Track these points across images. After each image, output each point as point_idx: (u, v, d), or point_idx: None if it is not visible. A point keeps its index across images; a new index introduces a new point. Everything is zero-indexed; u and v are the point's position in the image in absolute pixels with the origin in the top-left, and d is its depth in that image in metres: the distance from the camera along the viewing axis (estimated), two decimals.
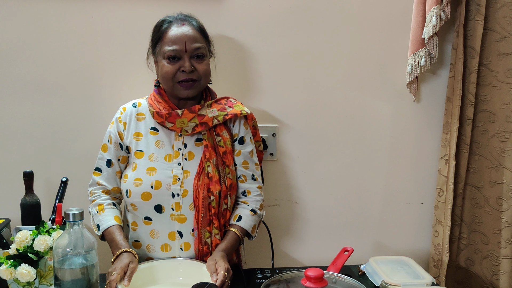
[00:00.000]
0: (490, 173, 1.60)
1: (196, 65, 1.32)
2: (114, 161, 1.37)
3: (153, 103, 1.37)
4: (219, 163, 1.34)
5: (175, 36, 1.30)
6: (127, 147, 1.38)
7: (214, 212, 1.31)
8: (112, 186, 1.38)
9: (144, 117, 1.38)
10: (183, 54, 1.30)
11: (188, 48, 1.30)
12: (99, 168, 1.38)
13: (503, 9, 1.53)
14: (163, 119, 1.33)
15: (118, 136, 1.38)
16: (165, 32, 1.32)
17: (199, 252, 1.32)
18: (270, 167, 1.69)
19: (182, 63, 1.30)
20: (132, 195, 1.32)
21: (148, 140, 1.36)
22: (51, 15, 1.53)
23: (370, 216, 1.76)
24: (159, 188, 1.31)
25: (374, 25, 1.64)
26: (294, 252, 1.76)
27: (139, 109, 1.39)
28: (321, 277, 1.07)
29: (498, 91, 1.56)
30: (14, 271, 1.12)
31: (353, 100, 1.68)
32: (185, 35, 1.31)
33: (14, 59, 1.55)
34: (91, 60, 1.57)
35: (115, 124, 1.39)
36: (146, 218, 1.34)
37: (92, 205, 1.37)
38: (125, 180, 1.35)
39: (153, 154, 1.34)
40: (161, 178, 1.31)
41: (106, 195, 1.38)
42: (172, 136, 1.36)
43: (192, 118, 1.33)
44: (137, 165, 1.34)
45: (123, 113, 1.39)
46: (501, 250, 1.57)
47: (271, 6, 1.59)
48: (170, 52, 1.30)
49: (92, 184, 1.39)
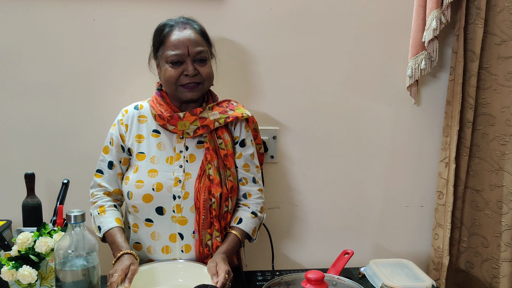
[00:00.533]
0: (490, 176, 1.60)
1: (199, 68, 1.32)
2: (115, 163, 1.38)
3: (155, 105, 1.37)
4: (220, 165, 1.34)
5: (177, 40, 1.31)
6: (129, 149, 1.38)
7: (215, 215, 1.32)
8: (114, 188, 1.39)
9: (146, 119, 1.39)
10: (186, 58, 1.31)
11: (191, 52, 1.31)
12: (101, 170, 1.39)
13: (503, 12, 1.53)
14: (165, 121, 1.33)
15: (120, 138, 1.38)
16: (167, 36, 1.32)
17: (199, 254, 1.32)
18: (270, 170, 1.69)
19: (185, 67, 1.31)
20: (133, 197, 1.32)
21: (149, 142, 1.36)
22: (52, 17, 1.54)
23: (370, 219, 1.76)
24: (161, 190, 1.31)
25: (375, 28, 1.65)
26: (295, 254, 1.76)
27: (141, 111, 1.40)
28: (321, 279, 1.07)
29: (498, 94, 1.57)
30: (16, 272, 1.12)
31: (353, 103, 1.69)
32: (187, 39, 1.31)
33: (15, 61, 1.55)
34: (92, 62, 1.58)
35: (117, 126, 1.39)
36: (147, 220, 1.34)
37: (93, 207, 1.38)
38: (127, 182, 1.35)
39: (154, 156, 1.35)
40: (162, 180, 1.31)
41: (108, 197, 1.39)
42: (173, 139, 1.37)
43: (193, 121, 1.33)
44: (139, 167, 1.34)
45: (125, 115, 1.39)
46: (501, 253, 1.57)
47: (272, 9, 1.60)
48: (172, 56, 1.30)
49: (94, 186, 1.40)
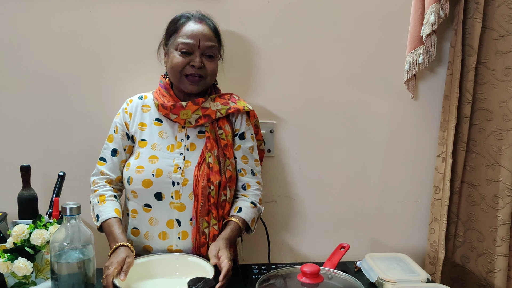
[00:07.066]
0: (487, 171, 1.61)
1: (206, 63, 1.35)
2: (120, 150, 1.40)
3: (158, 96, 1.40)
4: (220, 154, 1.37)
5: (191, 31, 1.34)
6: (132, 137, 1.40)
7: (213, 202, 1.33)
8: (116, 176, 1.40)
9: (150, 108, 1.42)
10: (195, 50, 1.33)
11: (202, 45, 1.33)
12: (104, 158, 1.40)
13: (501, 7, 1.53)
14: (167, 111, 1.36)
15: (124, 126, 1.41)
16: (182, 26, 1.36)
17: (196, 242, 1.33)
18: (267, 164, 1.69)
19: (193, 58, 1.33)
20: (133, 182, 1.34)
21: (152, 130, 1.39)
22: (48, 9, 1.52)
23: (366, 213, 1.77)
24: (160, 176, 1.33)
25: (373, 22, 1.64)
26: (291, 248, 1.76)
27: (145, 101, 1.43)
28: (317, 273, 1.08)
29: (495, 89, 1.57)
30: (11, 264, 1.12)
31: (350, 97, 1.68)
32: (201, 33, 1.34)
33: (11, 53, 1.54)
34: (89, 55, 1.57)
35: (121, 115, 1.42)
36: (146, 205, 1.35)
37: (94, 195, 1.38)
38: (128, 167, 1.37)
39: (156, 143, 1.37)
40: (162, 166, 1.33)
41: (109, 185, 1.40)
42: (175, 128, 1.39)
43: (195, 110, 1.36)
44: (140, 153, 1.37)
45: (130, 105, 1.43)
46: (496, 247, 1.58)
47: (270, 2, 1.59)
48: (183, 45, 1.33)
49: (96, 174, 1.41)
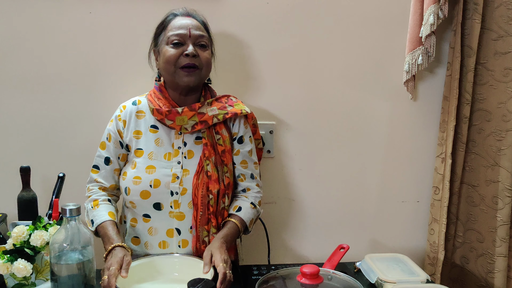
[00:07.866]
0: (486, 172, 1.61)
1: (199, 52, 1.32)
2: (113, 159, 1.37)
3: (152, 99, 1.36)
4: (217, 161, 1.34)
5: (179, 24, 1.32)
6: (127, 145, 1.37)
7: (212, 211, 1.32)
8: (110, 184, 1.38)
9: (144, 115, 1.38)
10: (186, 39, 1.31)
11: (192, 34, 1.31)
12: (97, 166, 1.38)
13: (500, 8, 1.53)
14: (162, 116, 1.33)
15: (117, 134, 1.37)
16: (170, 22, 1.34)
17: (196, 250, 1.32)
18: (267, 165, 1.69)
19: (186, 48, 1.30)
20: (131, 193, 1.32)
21: (147, 138, 1.35)
22: (47, 10, 1.52)
23: (366, 214, 1.77)
24: (158, 187, 1.30)
25: (372, 23, 1.64)
26: (290, 249, 1.76)
27: (139, 106, 1.39)
28: (316, 273, 1.08)
29: (494, 90, 1.57)
30: (11, 266, 1.12)
31: (350, 98, 1.68)
32: (190, 23, 1.32)
33: (10, 54, 1.54)
34: (89, 56, 1.57)
35: (115, 122, 1.38)
36: (145, 215, 1.34)
37: (88, 200, 1.37)
38: (124, 177, 1.34)
39: (152, 153, 1.34)
40: (160, 177, 1.31)
41: (103, 191, 1.38)
42: (172, 134, 1.36)
43: (192, 116, 1.33)
44: (137, 163, 1.34)
45: (123, 111, 1.38)
46: (496, 248, 1.58)
47: (269, 3, 1.59)
48: (174, 36, 1.30)
49: (90, 181, 1.39)
